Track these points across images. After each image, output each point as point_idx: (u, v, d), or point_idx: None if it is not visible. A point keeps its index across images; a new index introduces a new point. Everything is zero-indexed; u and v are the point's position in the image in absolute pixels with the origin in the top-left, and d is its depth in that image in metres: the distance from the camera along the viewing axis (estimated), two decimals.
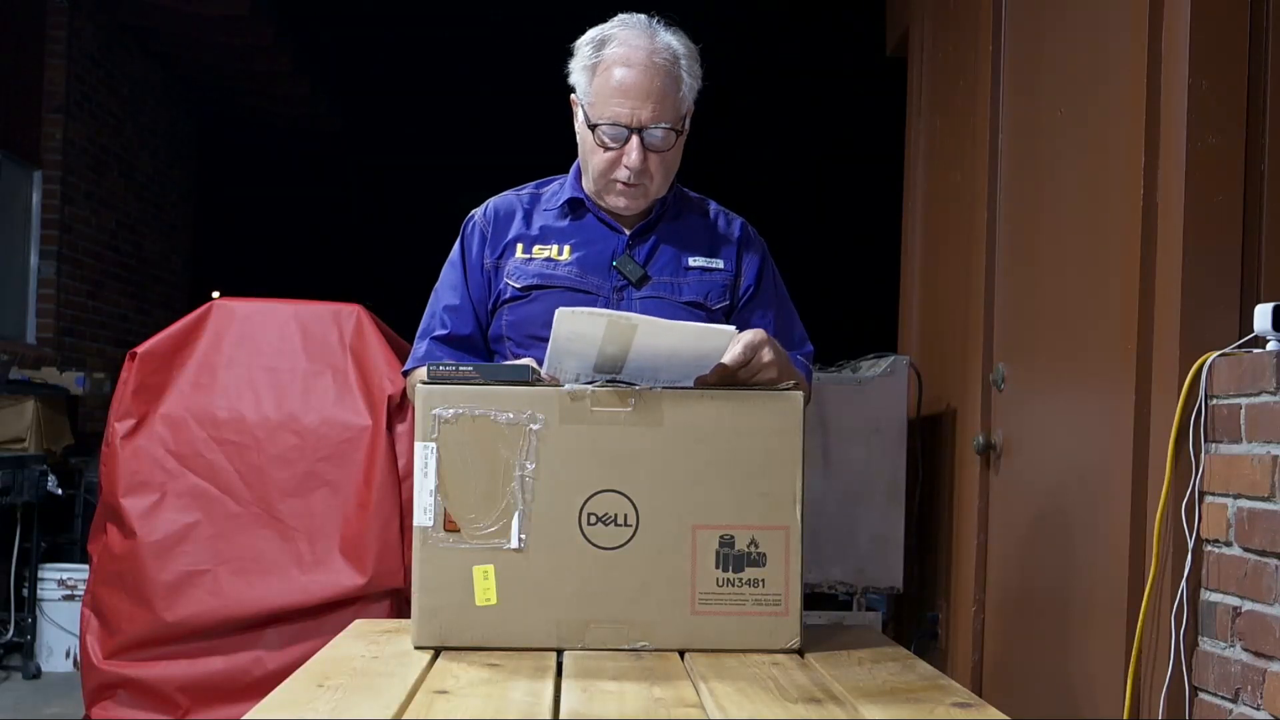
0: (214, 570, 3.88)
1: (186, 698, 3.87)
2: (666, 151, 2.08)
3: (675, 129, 2.07)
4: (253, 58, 8.18)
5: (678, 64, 2.06)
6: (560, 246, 2.16)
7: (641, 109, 2.03)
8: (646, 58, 2.03)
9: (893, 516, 3.90)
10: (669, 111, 2.05)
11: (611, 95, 2.04)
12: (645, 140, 2.05)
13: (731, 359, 1.80)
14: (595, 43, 2.07)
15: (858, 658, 1.79)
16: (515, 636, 1.72)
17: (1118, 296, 2.62)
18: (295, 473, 3.94)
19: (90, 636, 3.98)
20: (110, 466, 3.97)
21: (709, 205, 2.27)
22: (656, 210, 2.18)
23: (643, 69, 2.03)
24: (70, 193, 7.25)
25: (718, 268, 2.18)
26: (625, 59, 2.03)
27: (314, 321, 4.13)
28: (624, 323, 1.70)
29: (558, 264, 2.14)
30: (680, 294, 2.15)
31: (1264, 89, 2.40)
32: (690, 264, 2.17)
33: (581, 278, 2.13)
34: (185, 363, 4.07)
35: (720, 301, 2.17)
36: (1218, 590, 2.25)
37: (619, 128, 2.04)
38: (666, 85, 2.04)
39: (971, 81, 3.77)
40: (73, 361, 7.09)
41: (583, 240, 2.16)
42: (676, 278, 2.16)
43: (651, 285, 2.14)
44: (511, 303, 2.14)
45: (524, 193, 2.24)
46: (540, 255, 2.15)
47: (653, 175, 2.09)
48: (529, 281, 2.13)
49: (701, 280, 2.17)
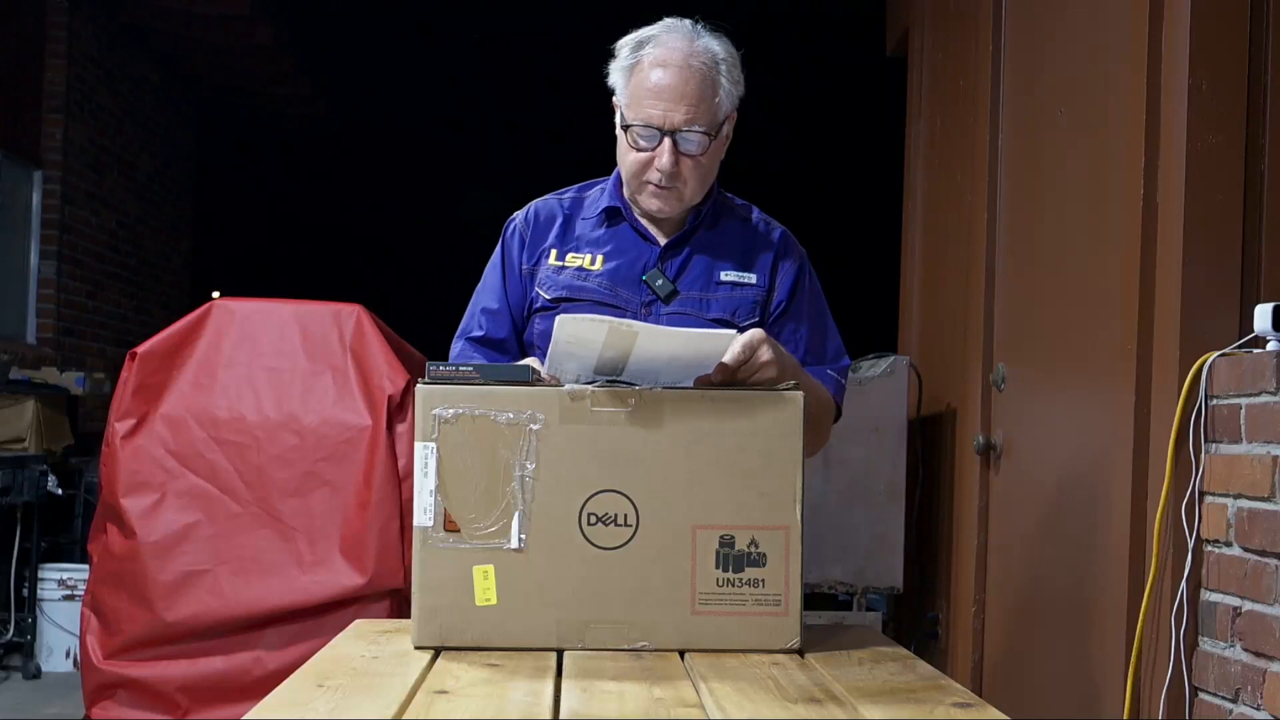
0: (214, 570, 3.88)
1: (186, 698, 3.88)
2: (700, 156, 2.05)
3: (709, 134, 2.04)
4: (253, 58, 8.19)
5: (716, 68, 2.03)
6: (594, 255, 2.13)
7: (675, 111, 2.00)
8: (683, 60, 2.01)
9: (893, 516, 3.90)
10: (703, 115, 2.02)
11: (646, 96, 2.02)
12: (678, 143, 2.02)
13: (730, 358, 1.80)
14: (635, 44, 2.05)
15: (858, 658, 1.79)
16: (515, 636, 1.72)
17: (1118, 297, 2.62)
18: (295, 473, 3.94)
19: (90, 636, 3.98)
20: (110, 466, 3.97)
21: (752, 212, 2.23)
22: (691, 220, 2.15)
23: (678, 70, 2.00)
24: (70, 193, 7.25)
25: (749, 282, 2.15)
26: (662, 60, 2.01)
27: (314, 321, 4.13)
28: (624, 329, 1.70)
29: (589, 274, 2.12)
30: (708, 310, 2.12)
31: (1264, 89, 2.40)
32: (722, 278, 2.14)
33: (611, 291, 2.11)
34: (185, 363, 4.07)
35: (749, 318, 2.13)
36: (1218, 590, 2.25)
37: (651, 129, 2.02)
38: (703, 88, 2.01)
39: (971, 81, 3.77)
40: (73, 361, 7.09)
41: (616, 249, 2.14)
42: (706, 293, 2.13)
43: (679, 301, 2.11)
44: (541, 312, 2.12)
45: (566, 196, 2.22)
46: (573, 264, 2.13)
47: (685, 179, 2.06)
48: (559, 293, 2.11)
49: (731, 296, 2.13)
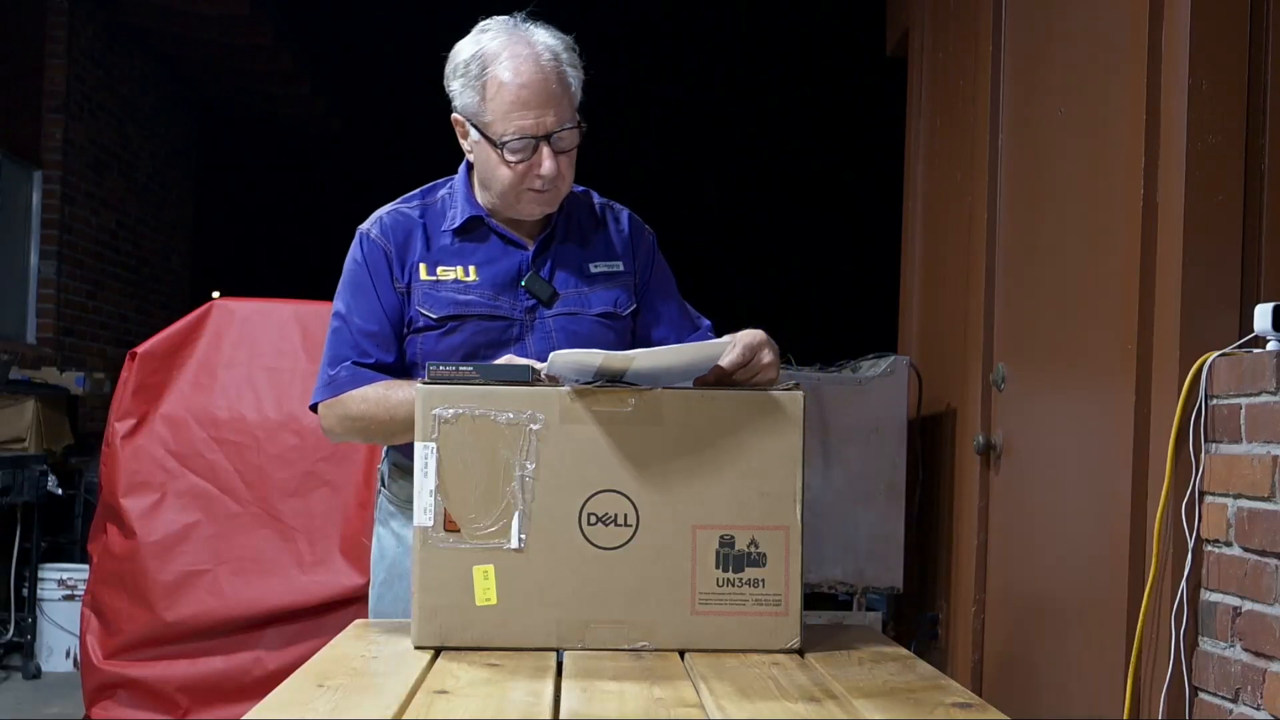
0: (214, 570, 3.89)
1: (186, 698, 3.88)
2: (572, 151, 2.08)
3: (577, 126, 2.06)
4: (253, 58, 8.18)
5: (561, 61, 2.04)
6: (465, 267, 2.11)
7: (545, 116, 2.01)
8: (535, 64, 2.01)
9: (893, 516, 3.90)
10: (567, 110, 2.04)
11: (511, 110, 2.01)
12: (554, 145, 2.03)
13: (730, 361, 1.80)
14: (477, 60, 2.04)
15: (858, 658, 1.79)
16: (515, 636, 1.72)
17: (1118, 297, 2.62)
18: (295, 473, 3.95)
19: (90, 636, 3.98)
20: (110, 466, 3.98)
21: (593, 199, 2.24)
22: (554, 218, 2.15)
23: (534, 76, 2.00)
24: (70, 193, 7.25)
25: (618, 270, 2.17)
26: (515, 71, 2.00)
27: (314, 321, 4.13)
28: (620, 358, 1.71)
29: (468, 287, 2.09)
30: (590, 306, 2.12)
31: (1264, 89, 2.40)
32: (593, 270, 2.15)
33: (493, 302, 2.09)
34: (185, 363, 4.07)
35: (629, 306, 2.16)
36: (1218, 590, 2.25)
37: (527, 139, 2.02)
38: (560, 85, 2.03)
39: (971, 81, 3.77)
40: (73, 361, 7.09)
41: (486, 259, 2.12)
42: (582, 289, 2.13)
43: (561, 301, 2.11)
44: (425, 331, 2.08)
45: (413, 205, 2.17)
46: (446, 277, 2.10)
47: (565, 176, 2.08)
48: (445, 311, 2.07)
49: (608, 287, 2.15)
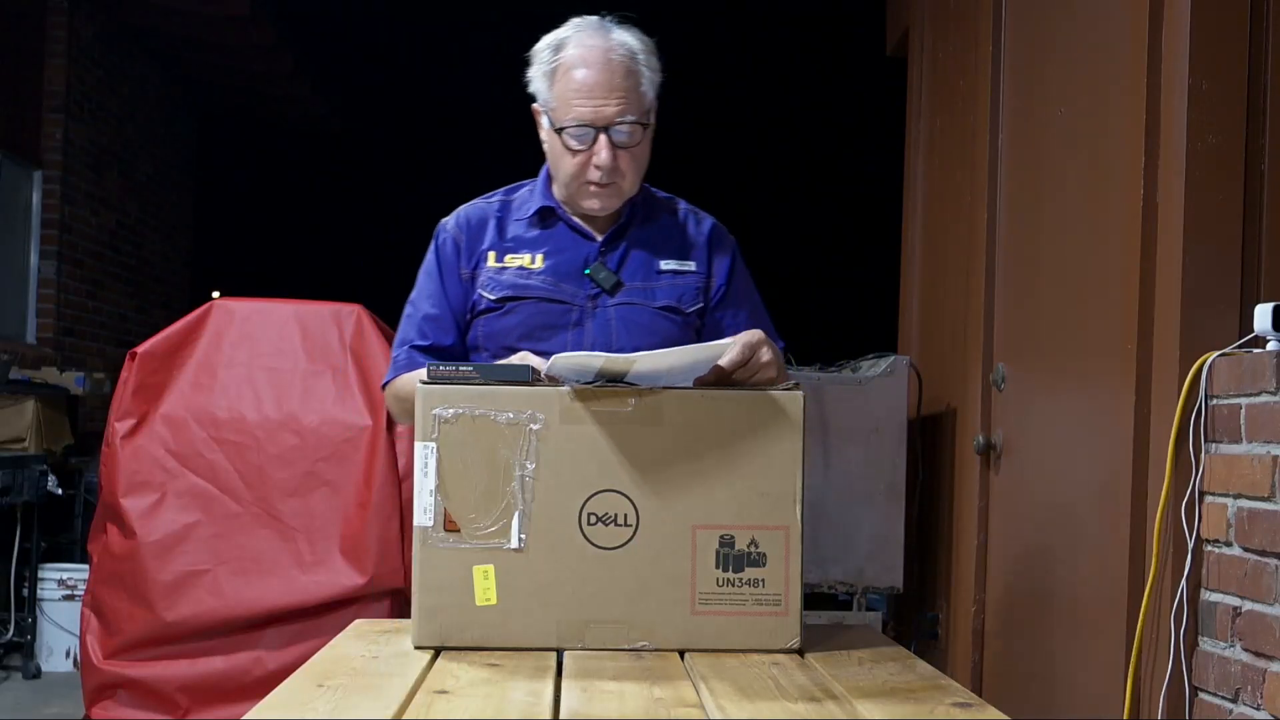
0: (214, 570, 3.89)
1: (186, 698, 3.88)
2: (635, 147, 2.08)
3: (641, 123, 2.07)
4: (253, 58, 8.18)
5: (635, 59, 2.06)
6: (533, 255, 2.15)
7: (605, 106, 2.03)
8: (604, 55, 2.04)
9: (893, 516, 3.90)
10: (632, 106, 2.05)
11: (574, 97, 2.04)
12: (613, 137, 2.05)
13: (730, 360, 1.80)
14: (551, 48, 2.08)
15: (858, 658, 1.79)
16: (515, 636, 1.72)
17: (1118, 297, 2.62)
18: (295, 473, 3.95)
19: (90, 636, 3.98)
20: (110, 466, 3.98)
21: (678, 205, 2.26)
22: (626, 214, 2.17)
23: (601, 67, 2.03)
24: (70, 193, 7.25)
25: (690, 270, 2.18)
26: (582, 59, 2.04)
27: (314, 321, 4.13)
28: (621, 360, 1.71)
29: (531, 273, 2.13)
30: (654, 299, 2.14)
31: (1264, 89, 2.40)
32: (662, 268, 2.17)
33: (555, 286, 2.12)
34: (185, 363, 4.07)
35: (694, 304, 2.17)
36: (1218, 590, 2.25)
37: (585, 128, 2.04)
38: (627, 79, 2.04)
39: (971, 81, 3.77)
40: (73, 361, 7.09)
41: (555, 248, 2.15)
42: (649, 282, 2.15)
43: (625, 291, 2.13)
44: (486, 314, 2.13)
45: (494, 200, 2.23)
46: (513, 264, 2.14)
47: (624, 173, 2.08)
48: (504, 293, 2.12)
49: (674, 284, 2.16)
